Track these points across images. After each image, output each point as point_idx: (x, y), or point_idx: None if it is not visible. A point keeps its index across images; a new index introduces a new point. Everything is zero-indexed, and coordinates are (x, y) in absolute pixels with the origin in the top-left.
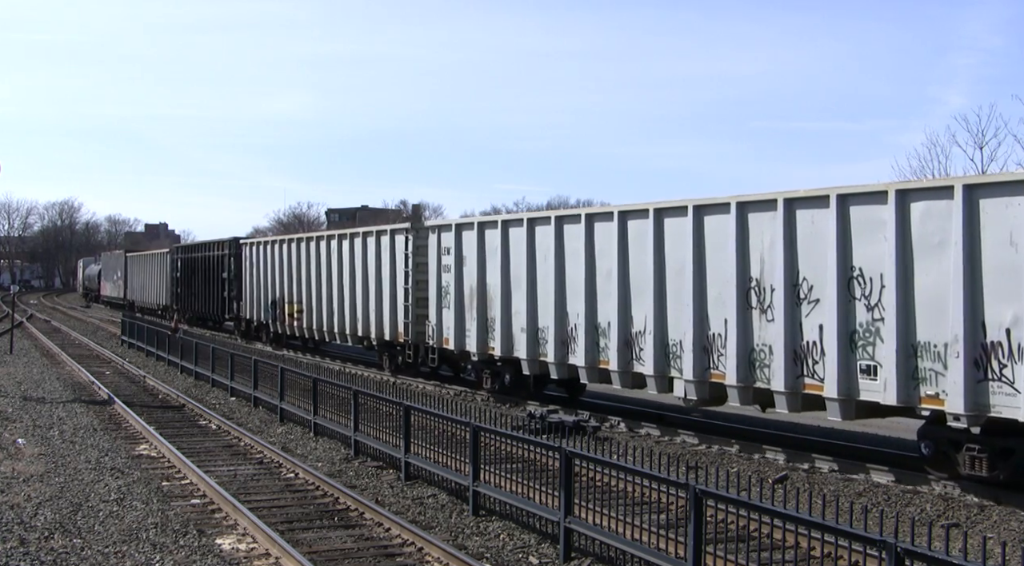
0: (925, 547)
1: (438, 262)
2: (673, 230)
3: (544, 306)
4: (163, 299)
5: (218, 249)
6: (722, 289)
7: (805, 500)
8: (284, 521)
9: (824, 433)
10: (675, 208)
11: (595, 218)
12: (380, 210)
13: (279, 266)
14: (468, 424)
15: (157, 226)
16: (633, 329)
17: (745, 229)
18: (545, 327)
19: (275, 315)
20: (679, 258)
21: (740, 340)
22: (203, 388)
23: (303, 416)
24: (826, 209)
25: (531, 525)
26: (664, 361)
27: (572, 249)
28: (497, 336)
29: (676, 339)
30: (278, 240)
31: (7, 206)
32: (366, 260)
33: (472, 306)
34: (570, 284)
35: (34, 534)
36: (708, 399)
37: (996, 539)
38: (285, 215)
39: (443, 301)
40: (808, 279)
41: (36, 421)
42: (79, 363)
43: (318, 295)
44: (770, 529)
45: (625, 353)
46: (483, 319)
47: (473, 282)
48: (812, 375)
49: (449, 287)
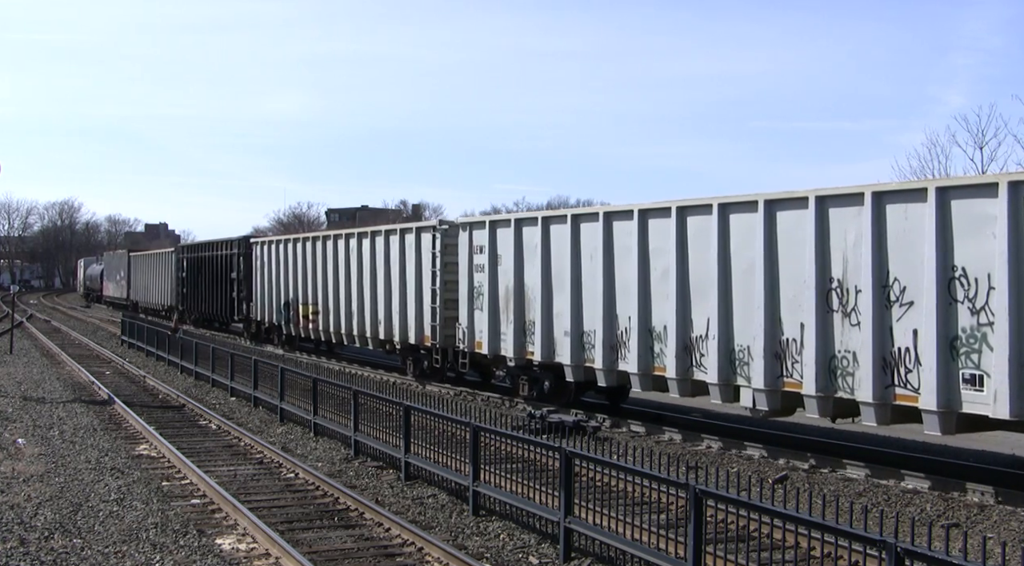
0: (925, 547)
1: (470, 261)
2: (740, 227)
3: (591, 308)
4: (168, 300)
5: (226, 248)
6: (798, 291)
7: (805, 500)
8: (284, 521)
9: (823, 433)
10: (742, 203)
11: (649, 214)
12: (380, 210)
13: (293, 266)
14: (468, 424)
15: (157, 226)
16: (693, 333)
17: (825, 225)
18: (592, 331)
19: (288, 317)
20: (747, 257)
21: (819, 346)
22: (203, 388)
23: (303, 416)
24: (922, 204)
25: (531, 525)
26: (729, 368)
27: (623, 247)
28: (537, 340)
29: (743, 344)
30: (291, 239)
31: (7, 206)
32: (388, 259)
33: (508, 308)
34: (620, 285)
35: (34, 534)
36: (780, 409)
37: (996, 539)
38: (285, 215)
39: (475, 303)
40: (900, 280)
41: (36, 421)
42: (79, 363)
43: (335, 296)
44: (770, 529)
45: (684, 359)
46: (521, 322)
47: (509, 282)
48: (904, 385)
49: (482, 288)
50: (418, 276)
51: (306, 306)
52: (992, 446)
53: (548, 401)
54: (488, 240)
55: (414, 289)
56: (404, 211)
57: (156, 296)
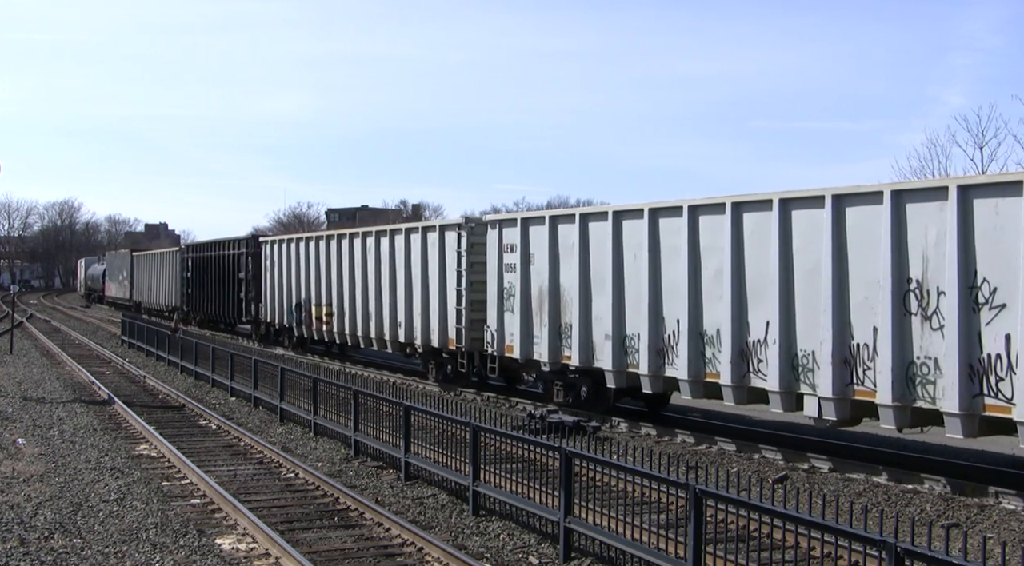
0: (925, 547)
1: (499, 261)
2: (804, 224)
3: (634, 310)
4: (172, 300)
5: (234, 248)
6: (869, 292)
7: (805, 500)
8: (284, 521)
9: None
10: (807, 198)
11: (701, 211)
12: (380, 210)
13: (305, 266)
14: (468, 424)
15: (157, 226)
16: (750, 337)
17: (902, 222)
18: (635, 334)
19: (300, 318)
20: (811, 256)
21: (896, 352)
22: (203, 388)
23: (303, 416)
24: (1017, 198)
25: (531, 525)
26: (791, 375)
27: (670, 246)
28: (573, 344)
29: (807, 349)
30: (304, 238)
31: (7, 206)
32: (409, 259)
33: (542, 310)
34: (668, 285)
35: (34, 534)
36: (848, 419)
37: (996, 539)
38: (285, 215)
39: (506, 304)
40: (990, 281)
41: (36, 421)
42: (79, 363)
43: (351, 297)
44: (770, 529)
45: (740, 365)
46: (556, 324)
47: (543, 283)
48: (995, 394)
49: (513, 289)
50: (442, 276)
51: (319, 307)
52: (993, 446)
53: (585, 408)
54: (520, 238)
55: (437, 290)
56: (404, 211)
57: (160, 296)
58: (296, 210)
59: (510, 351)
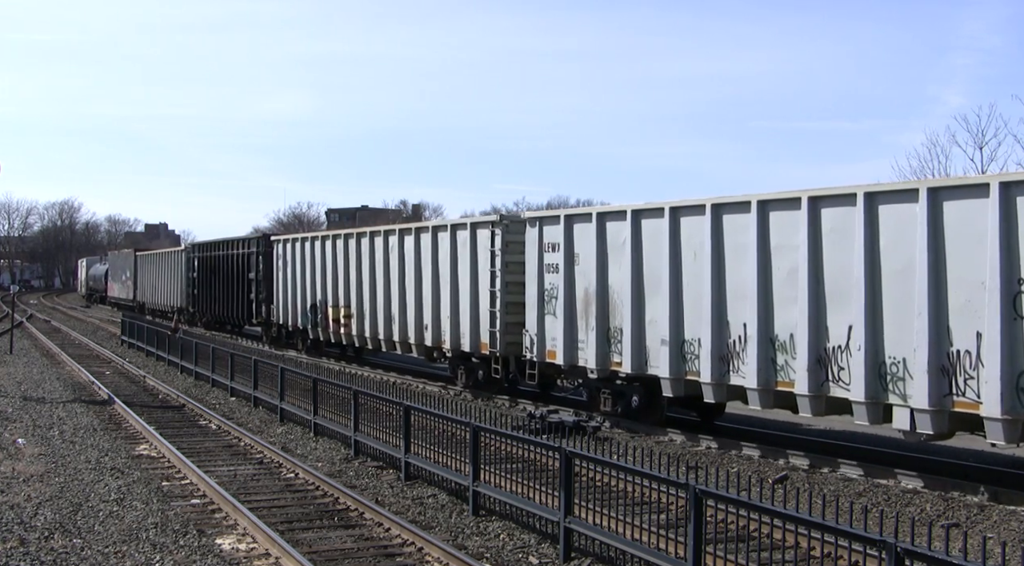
0: (925, 547)
1: (540, 261)
2: (893, 220)
3: (694, 314)
4: (178, 301)
5: (244, 247)
6: (972, 294)
7: (805, 500)
8: (284, 521)
9: (822, 434)
10: (897, 192)
11: (771, 206)
12: (380, 210)
13: (322, 265)
14: (468, 424)
15: (157, 226)
16: (829, 343)
17: (1012, 217)
18: (695, 339)
19: (315, 320)
20: (902, 255)
21: (1005, 360)
22: (203, 388)
23: (303, 416)
24: None
25: (531, 525)
26: (878, 384)
27: (736, 244)
28: (624, 349)
29: (897, 356)
30: (320, 236)
31: (7, 206)
32: (437, 259)
33: (588, 313)
34: (733, 287)
35: (34, 534)
36: (946, 432)
37: (996, 539)
38: (285, 215)
39: (547, 307)
40: None
41: (36, 421)
42: (79, 363)
43: (372, 299)
44: (770, 529)
45: (817, 373)
46: (604, 329)
47: (590, 284)
48: None
49: (556, 290)
50: (473, 277)
51: (337, 309)
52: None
53: (636, 418)
54: (563, 237)
55: (469, 291)
56: (404, 211)
57: (164, 297)
58: (296, 210)
59: (552, 357)
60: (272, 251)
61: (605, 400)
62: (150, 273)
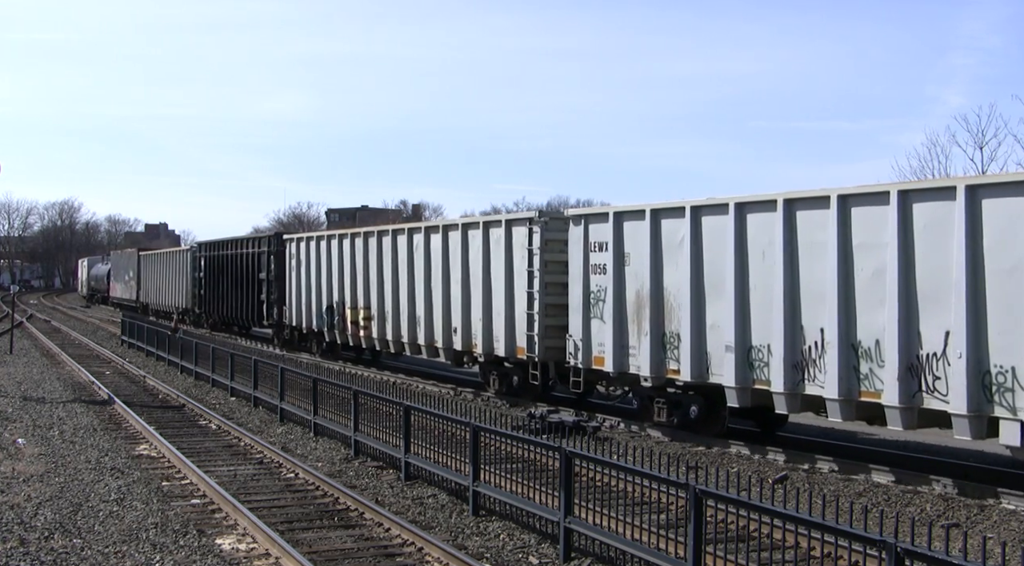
0: (925, 547)
1: (585, 260)
2: (1000, 216)
3: (763, 318)
4: (183, 302)
5: (254, 246)
6: None
7: (805, 500)
8: (284, 521)
9: (823, 433)
10: (1005, 185)
11: (854, 201)
12: (380, 210)
13: (339, 265)
14: (468, 424)
15: (157, 226)
16: (922, 350)
17: None
18: (763, 345)
19: (331, 322)
20: (1011, 254)
21: None
22: (203, 388)
23: (303, 416)
24: None
25: (531, 525)
26: (982, 396)
27: (812, 242)
28: (682, 356)
29: (1004, 366)
30: (338, 234)
31: (7, 206)
32: (467, 258)
33: (640, 317)
34: (808, 289)
35: (34, 534)
36: None
37: (996, 539)
38: (285, 215)
39: (593, 310)
40: None
41: (36, 421)
42: (79, 363)
43: (395, 300)
44: (770, 529)
45: (908, 382)
46: (658, 334)
47: (643, 286)
48: None
49: (603, 292)
50: (508, 277)
51: (355, 311)
52: (993, 447)
53: (694, 429)
54: (612, 235)
55: (503, 293)
56: (404, 211)
57: (169, 298)
58: (296, 210)
59: (599, 363)
60: (285, 250)
61: (659, 410)
62: (154, 273)
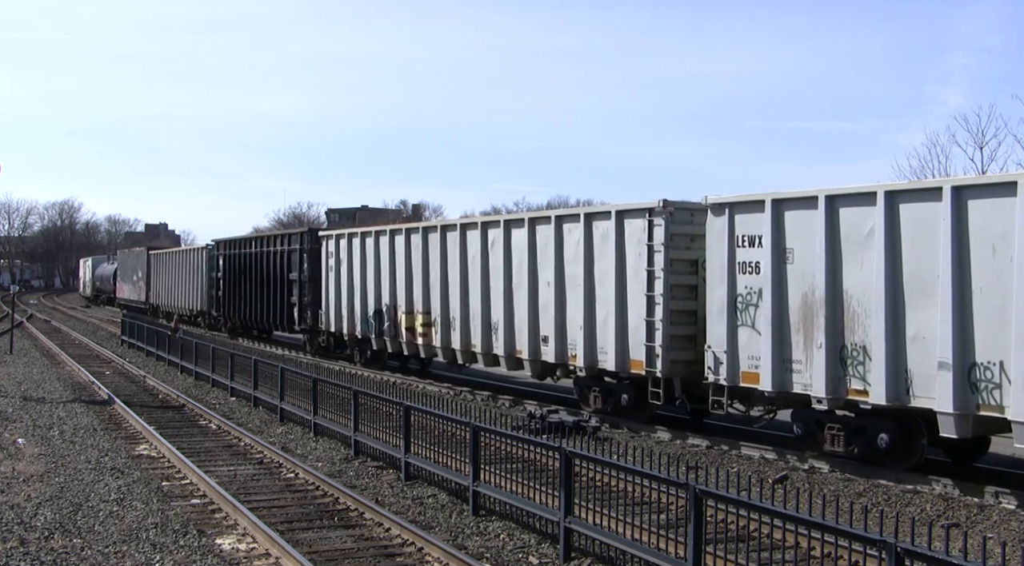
0: (925, 547)
1: (730, 257)
2: None
3: (991, 328)
4: (198, 304)
5: (283, 243)
6: None
7: (805, 500)
8: (284, 521)
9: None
10: None
11: None
12: (380, 210)
13: (390, 265)
14: (468, 424)
15: (157, 226)
16: None
17: None
18: (993, 362)
19: (379, 329)
20: None
21: None
22: (203, 388)
23: (303, 416)
24: None
25: (531, 525)
26: None
27: None
28: (872, 373)
29: None
30: (389, 230)
31: (7, 206)
32: (562, 256)
33: (809, 325)
34: None
35: (34, 534)
36: None
37: (996, 539)
38: (285, 215)
39: (741, 317)
40: None
41: (36, 421)
42: (79, 363)
43: (463, 304)
44: (770, 529)
45: None
46: (835, 346)
47: (813, 288)
48: None
49: (755, 296)
50: (620, 278)
51: (412, 315)
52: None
53: (881, 462)
54: (770, 227)
55: (613, 297)
56: (404, 211)
57: (182, 299)
58: (296, 210)
59: (750, 380)
60: (321, 248)
61: (833, 438)
62: (165, 273)
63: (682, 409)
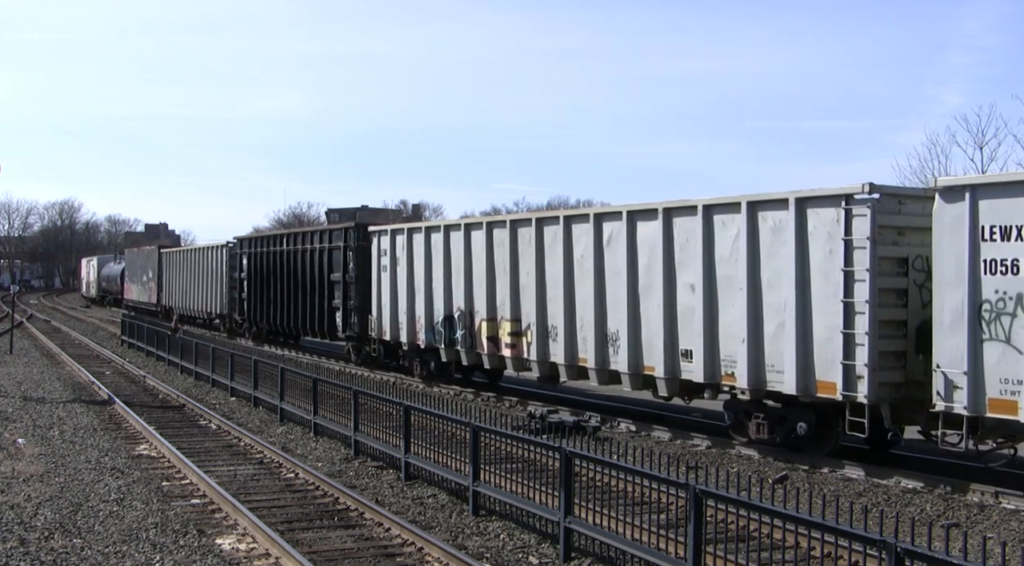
0: (925, 547)
1: (973, 254)
2: None
3: None
4: (217, 307)
5: (323, 240)
6: None
7: (805, 500)
8: (284, 521)
9: None
10: None
11: None
12: (380, 210)
13: (465, 265)
14: (468, 424)
15: (157, 226)
16: None
17: None
18: None
19: (450, 337)
20: None
21: None
22: (203, 388)
23: (303, 416)
24: None
25: (531, 525)
26: None
27: None
28: None
29: None
30: (463, 225)
31: (7, 206)
32: (712, 254)
33: None
34: None
35: (34, 534)
36: None
37: (996, 539)
38: (285, 215)
39: (990, 329)
40: None
41: (36, 421)
42: (79, 363)
43: (569, 310)
44: (770, 529)
45: None
46: None
47: None
48: None
49: (1010, 303)
50: (801, 281)
51: (495, 323)
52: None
53: None
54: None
55: (794, 303)
56: (404, 211)
57: (199, 302)
58: (296, 210)
59: (1007, 410)
60: (371, 245)
61: None
62: (179, 273)
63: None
